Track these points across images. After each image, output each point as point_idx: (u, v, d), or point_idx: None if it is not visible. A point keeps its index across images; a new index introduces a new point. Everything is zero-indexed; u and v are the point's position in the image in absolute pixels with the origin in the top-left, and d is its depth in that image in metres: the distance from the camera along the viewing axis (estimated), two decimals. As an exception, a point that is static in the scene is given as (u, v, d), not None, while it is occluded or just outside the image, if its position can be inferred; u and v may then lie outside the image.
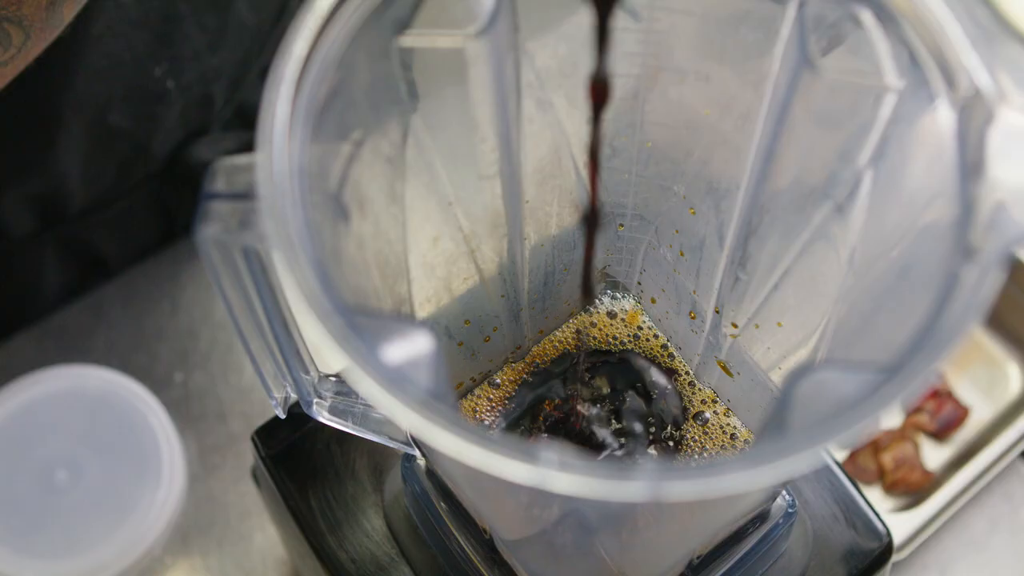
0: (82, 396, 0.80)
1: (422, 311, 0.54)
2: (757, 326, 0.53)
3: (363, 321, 0.35)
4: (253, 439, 0.62)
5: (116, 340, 0.89)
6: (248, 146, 0.91)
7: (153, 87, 0.82)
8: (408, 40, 0.42)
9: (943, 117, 0.40)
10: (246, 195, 0.41)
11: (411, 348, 0.35)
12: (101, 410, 0.79)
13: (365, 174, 0.44)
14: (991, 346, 0.87)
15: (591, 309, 0.61)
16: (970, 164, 0.38)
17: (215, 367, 0.87)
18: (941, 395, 0.83)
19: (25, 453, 0.78)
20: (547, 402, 0.59)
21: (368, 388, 0.33)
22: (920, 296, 0.37)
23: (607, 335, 0.61)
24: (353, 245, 0.44)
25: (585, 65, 0.48)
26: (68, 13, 0.67)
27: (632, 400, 0.58)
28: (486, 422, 0.59)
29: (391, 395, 0.33)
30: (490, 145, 0.47)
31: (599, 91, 0.41)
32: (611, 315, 0.61)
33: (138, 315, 0.90)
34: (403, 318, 0.50)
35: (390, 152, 0.46)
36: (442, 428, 0.32)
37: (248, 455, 0.83)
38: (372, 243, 0.46)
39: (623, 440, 0.57)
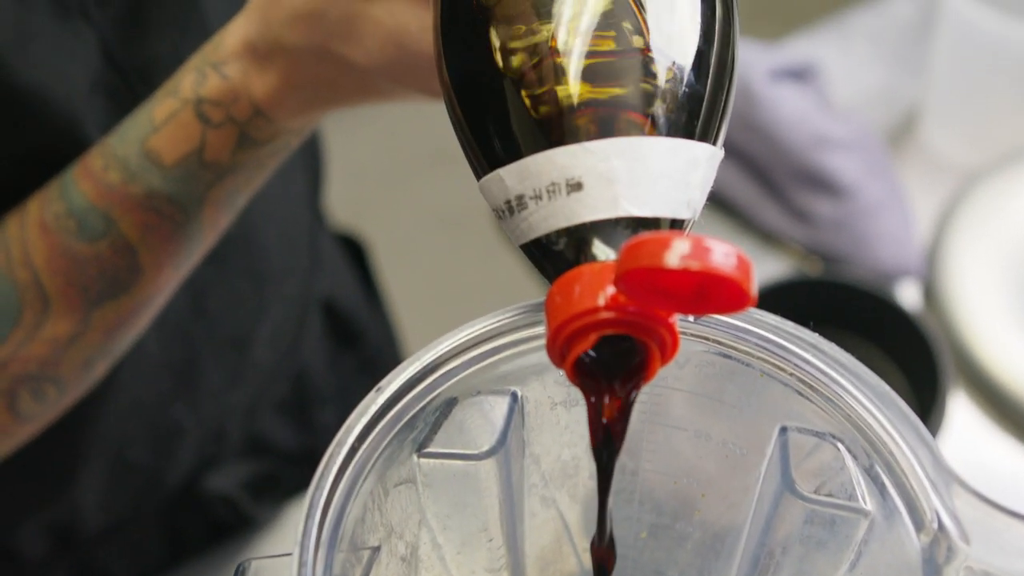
0: None
1: None
2: None
3: None
4: None
5: (119, 663, 0.90)
6: (259, 475, 0.95)
7: (171, 424, 0.86)
8: (426, 460, 0.47)
9: (911, 547, 0.43)
10: (272, 597, 0.45)
11: None
12: None
13: (381, 574, 0.48)
14: None
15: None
16: (937, 600, 0.42)
17: None
18: None
19: None
20: None
21: None
22: None
23: None
24: (369, 644, 0.47)
25: (586, 467, 0.53)
26: (101, 369, 0.71)
27: None
28: None
29: None
30: (497, 543, 0.51)
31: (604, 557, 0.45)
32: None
33: (141, 637, 0.92)
34: None
35: (405, 552, 0.50)
36: None
37: None
38: (386, 636, 0.49)
39: None
